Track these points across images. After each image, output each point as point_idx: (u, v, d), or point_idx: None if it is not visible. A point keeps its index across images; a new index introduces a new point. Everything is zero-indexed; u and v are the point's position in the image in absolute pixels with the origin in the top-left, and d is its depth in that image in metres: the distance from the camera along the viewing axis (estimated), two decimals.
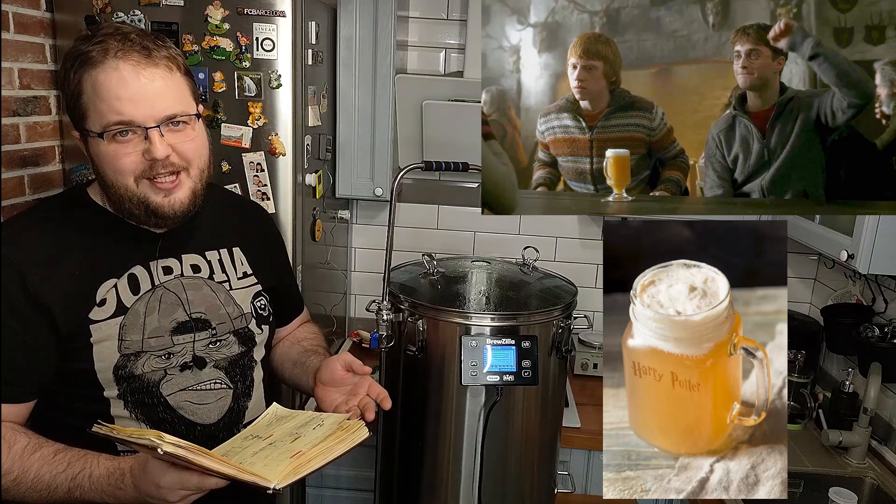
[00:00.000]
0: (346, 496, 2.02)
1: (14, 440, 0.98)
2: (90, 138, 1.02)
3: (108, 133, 0.99)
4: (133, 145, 1.01)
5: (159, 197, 1.04)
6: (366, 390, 1.17)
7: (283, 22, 1.60)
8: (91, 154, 1.04)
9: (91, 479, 0.96)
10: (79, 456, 0.98)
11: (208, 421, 1.13)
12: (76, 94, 1.00)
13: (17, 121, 1.59)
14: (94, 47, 0.98)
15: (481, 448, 1.35)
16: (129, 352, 1.06)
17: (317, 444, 0.98)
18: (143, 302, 1.09)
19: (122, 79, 0.98)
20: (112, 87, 0.98)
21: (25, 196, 1.62)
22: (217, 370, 1.15)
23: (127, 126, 0.99)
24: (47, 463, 0.97)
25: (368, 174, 2.07)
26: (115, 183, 1.03)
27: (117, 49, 0.98)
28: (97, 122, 1.00)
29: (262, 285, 1.26)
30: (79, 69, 0.99)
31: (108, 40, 0.99)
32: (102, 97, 0.98)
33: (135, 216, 1.07)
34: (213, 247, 1.20)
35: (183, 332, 1.11)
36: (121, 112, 0.98)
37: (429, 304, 1.34)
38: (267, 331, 1.26)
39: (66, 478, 0.96)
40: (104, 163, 1.02)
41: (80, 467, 0.97)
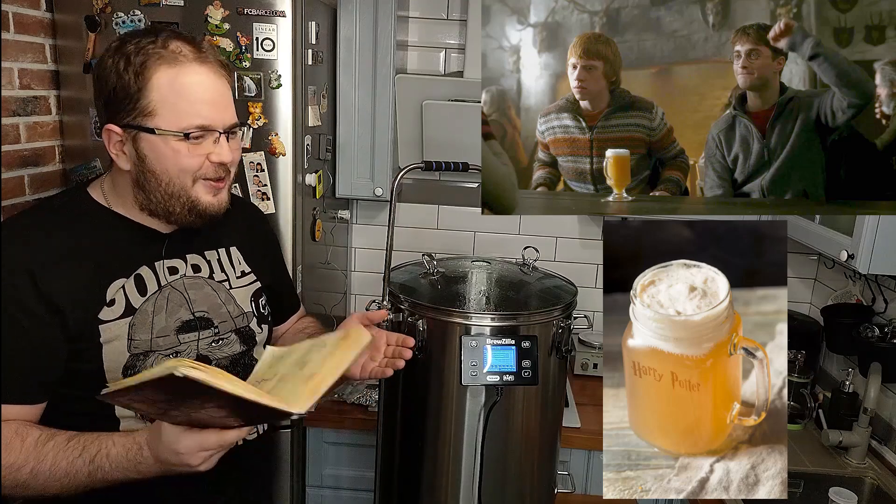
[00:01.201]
0: (346, 496, 2.02)
1: (26, 433, 0.98)
2: (154, 135, 1.01)
3: (191, 134, 1.02)
4: (203, 148, 1.04)
5: (210, 196, 1.08)
6: (385, 342, 1.23)
7: (283, 22, 1.60)
8: (142, 150, 1.03)
9: (109, 458, 0.95)
10: (92, 438, 0.97)
11: None
12: (139, 88, 1.00)
13: (17, 121, 1.59)
14: (162, 49, 1.00)
15: (481, 448, 1.35)
16: (139, 351, 1.06)
17: (325, 362, 0.98)
18: (151, 302, 1.09)
19: (203, 83, 1.03)
20: (197, 91, 1.02)
21: (25, 196, 1.62)
22: (219, 369, 1.15)
23: (206, 129, 1.03)
24: (62, 450, 0.96)
25: (368, 174, 2.07)
26: (172, 181, 1.04)
27: (196, 54, 1.02)
28: (174, 121, 1.01)
29: (261, 283, 1.27)
30: (149, 65, 0.99)
31: (177, 41, 1.02)
32: (187, 98, 1.01)
33: (172, 214, 1.08)
34: (212, 247, 1.21)
35: (188, 330, 1.12)
36: (204, 116, 1.03)
37: (429, 304, 1.34)
38: (266, 330, 1.27)
39: (84, 461, 0.96)
40: (165, 160, 1.03)
41: (95, 449, 0.96)
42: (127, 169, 1.05)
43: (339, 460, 2.00)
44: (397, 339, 1.24)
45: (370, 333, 1.13)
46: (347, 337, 1.06)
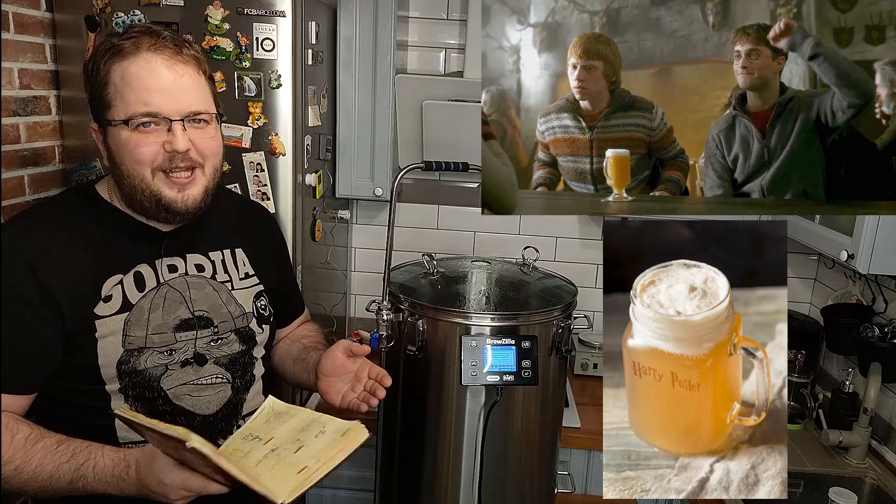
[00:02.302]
0: (346, 496, 2.02)
1: (16, 429, 0.99)
2: (112, 127, 1.03)
3: (133, 121, 1.01)
4: (155, 136, 1.03)
5: (173, 192, 1.06)
6: (366, 374, 1.21)
7: (283, 22, 1.60)
8: (109, 144, 1.05)
9: (95, 469, 0.97)
10: (82, 447, 0.98)
11: (207, 412, 1.14)
12: (103, 84, 1.02)
13: (17, 121, 1.59)
14: (126, 41, 1.01)
15: (481, 448, 1.35)
16: (133, 347, 1.07)
17: (320, 454, 1.00)
18: (147, 299, 1.09)
19: (152, 70, 1.01)
20: (143, 78, 1.01)
21: (25, 196, 1.62)
22: (217, 366, 1.16)
23: (152, 117, 1.02)
24: (50, 453, 0.97)
25: (368, 174, 2.07)
26: (131, 173, 1.04)
27: (150, 44, 1.01)
28: (123, 110, 1.01)
29: (263, 286, 1.26)
30: (109, 60, 1.01)
31: (140, 36, 1.02)
32: (132, 87, 1.01)
33: (146, 210, 1.08)
34: (217, 247, 1.21)
35: (185, 329, 1.12)
36: (148, 103, 1.01)
37: (429, 304, 1.34)
38: (268, 330, 1.26)
39: (70, 468, 0.97)
40: (123, 152, 1.03)
41: (83, 458, 0.97)
42: (107, 165, 1.07)
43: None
44: (377, 373, 1.21)
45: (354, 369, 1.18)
46: (348, 433, 1.04)
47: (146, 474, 0.94)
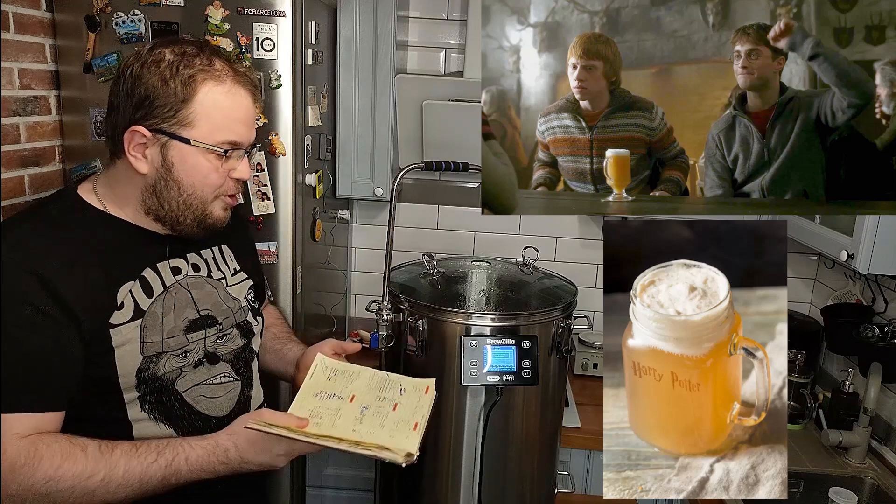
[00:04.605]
0: (346, 496, 2.02)
1: (84, 443, 0.96)
2: (180, 142, 1.03)
3: (218, 148, 1.05)
4: (228, 164, 1.08)
5: (223, 212, 1.12)
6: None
7: (283, 22, 1.60)
8: (167, 156, 1.03)
9: (189, 461, 1.01)
10: (163, 444, 1.01)
11: (221, 413, 1.15)
12: (182, 98, 1.02)
13: (17, 121, 1.59)
14: (209, 65, 1.04)
15: (481, 448, 1.35)
16: (151, 353, 1.06)
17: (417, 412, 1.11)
18: (158, 303, 1.09)
19: (241, 106, 1.07)
20: (235, 110, 1.06)
21: (25, 196, 1.62)
22: (225, 364, 1.17)
23: (235, 146, 1.07)
24: (133, 457, 0.98)
25: (368, 174, 2.07)
26: (193, 193, 1.06)
27: (235, 75, 1.07)
28: (209, 135, 1.04)
29: (252, 280, 1.29)
30: (196, 77, 1.02)
31: (219, 59, 1.06)
32: (226, 115, 1.05)
33: (180, 224, 1.09)
34: (207, 245, 1.22)
35: (195, 329, 1.12)
36: (238, 134, 1.07)
37: (429, 304, 1.34)
38: (261, 322, 1.29)
39: (160, 466, 0.99)
40: (192, 172, 1.05)
41: (171, 454, 1.00)
42: (144, 172, 1.04)
43: (339, 460, 2.00)
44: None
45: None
46: (429, 390, 1.18)
47: (254, 453, 1.03)
